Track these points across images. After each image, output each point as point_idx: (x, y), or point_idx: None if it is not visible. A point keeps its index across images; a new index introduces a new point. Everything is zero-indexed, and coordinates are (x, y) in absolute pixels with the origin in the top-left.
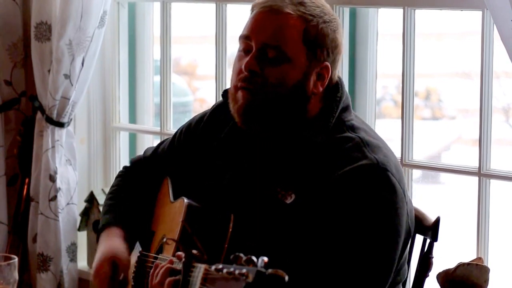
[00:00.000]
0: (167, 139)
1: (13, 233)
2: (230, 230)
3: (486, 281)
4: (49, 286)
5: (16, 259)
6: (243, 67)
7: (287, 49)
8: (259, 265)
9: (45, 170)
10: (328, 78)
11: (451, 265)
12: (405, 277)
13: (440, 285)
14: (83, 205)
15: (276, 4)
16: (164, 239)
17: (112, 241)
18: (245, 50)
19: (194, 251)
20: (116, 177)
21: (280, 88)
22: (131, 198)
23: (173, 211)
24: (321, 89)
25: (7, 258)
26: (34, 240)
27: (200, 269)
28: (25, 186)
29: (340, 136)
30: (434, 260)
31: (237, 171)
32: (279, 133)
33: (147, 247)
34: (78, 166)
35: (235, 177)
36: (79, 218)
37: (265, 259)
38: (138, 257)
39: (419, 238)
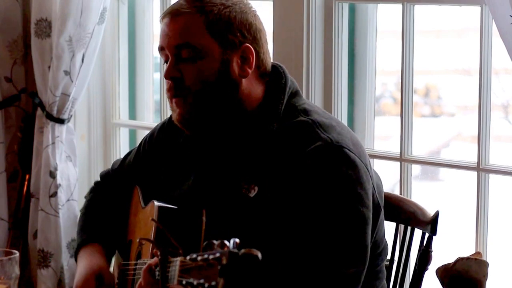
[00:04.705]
0: (132, 149)
1: (13, 230)
2: (204, 223)
3: (485, 275)
4: (49, 282)
5: (17, 254)
6: (164, 77)
7: (197, 45)
8: (231, 246)
9: (45, 166)
10: (255, 58)
11: (450, 259)
12: (387, 253)
13: (439, 280)
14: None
15: (174, 8)
16: (140, 244)
17: (94, 257)
18: (166, 61)
19: (169, 248)
20: (88, 193)
21: (204, 84)
22: (104, 213)
23: (146, 216)
24: (249, 70)
25: (8, 253)
26: (35, 236)
27: (176, 262)
28: (26, 183)
29: (294, 121)
30: (433, 254)
31: (201, 172)
32: (227, 129)
33: (126, 256)
34: (78, 162)
35: (200, 178)
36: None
37: (237, 240)
38: (120, 268)
39: (418, 232)
